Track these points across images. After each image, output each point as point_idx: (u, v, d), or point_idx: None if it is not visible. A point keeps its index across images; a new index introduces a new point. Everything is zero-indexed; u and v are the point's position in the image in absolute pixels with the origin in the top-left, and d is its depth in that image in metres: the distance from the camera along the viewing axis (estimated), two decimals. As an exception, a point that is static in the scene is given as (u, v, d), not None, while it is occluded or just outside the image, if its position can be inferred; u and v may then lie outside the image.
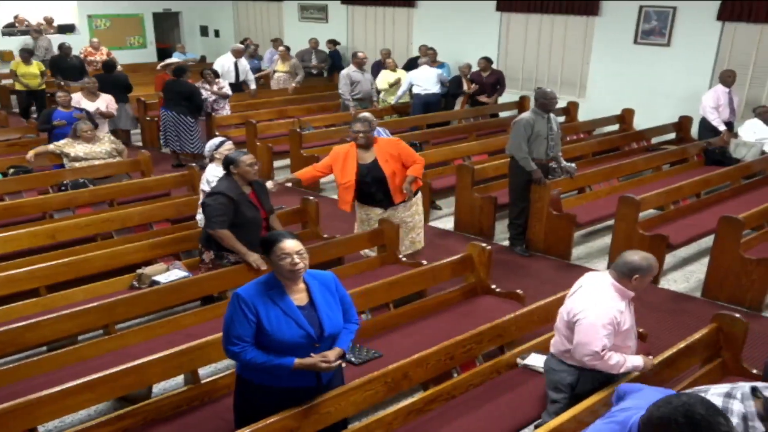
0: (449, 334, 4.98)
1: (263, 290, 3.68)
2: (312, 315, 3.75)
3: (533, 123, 7.62)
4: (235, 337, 3.61)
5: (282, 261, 3.66)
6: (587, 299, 4.12)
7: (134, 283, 6.06)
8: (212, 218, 5.61)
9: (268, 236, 3.82)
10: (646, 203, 7.60)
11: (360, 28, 16.81)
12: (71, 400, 4.03)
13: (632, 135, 11.48)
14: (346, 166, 6.68)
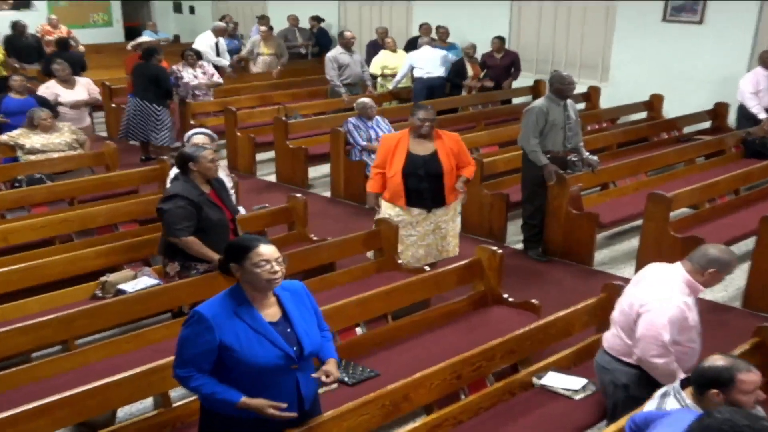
0: (456, 350, 4.96)
1: (228, 306, 3.54)
2: (288, 332, 3.63)
3: (547, 111, 7.59)
4: (185, 360, 3.50)
5: (259, 269, 3.50)
6: (654, 290, 4.20)
7: (97, 293, 6.01)
8: (174, 225, 5.48)
9: (238, 242, 3.71)
10: (677, 201, 7.57)
11: (353, 5, 16.78)
12: (24, 426, 3.95)
13: (662, 124, 11.48)
14: (395, 155, 6.77)
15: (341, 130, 9.65)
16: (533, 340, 5.16)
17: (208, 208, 5.57)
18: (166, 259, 5.87)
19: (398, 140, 6.81)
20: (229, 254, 3.61)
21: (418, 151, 6.73)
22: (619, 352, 4.39)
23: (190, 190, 5.53)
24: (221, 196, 5.81)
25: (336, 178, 10.06)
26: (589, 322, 5.53)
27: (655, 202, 7.35)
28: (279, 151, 10.63)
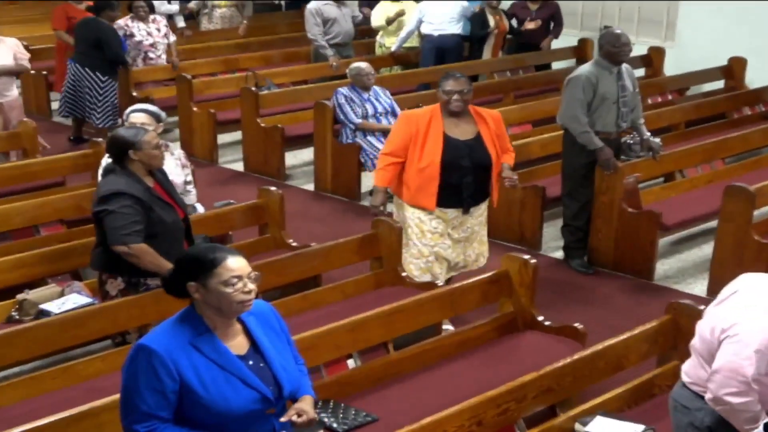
0: (476, 388, 4.99)
1: (183, 337, 3.46)
2: (261, 366, 3.60)
3: (596, 81, 7.63)
4: (141, 413, 3.39)
5: (230, 288, 3.41)
6: (745, 311, 4.13)
7: (13, 314, 6.03)
8: (121, 231, 5.41)
9: (197, 253, 3.57)
10: (763, 196, 7.61)
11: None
12: None
13: (743, 96, 11.58)
14: (427, 140, 6.55)
15: (328, 104, 9.69)
16: (576, 375, 5.18)
17: (159, 208, 5.56)
18: (106, 275, 5.81)
19: (429, 119, 6.57)
20: (186, 270, 3.49)
21: (456, 134, 6.57)
22: (701, 386, 4.43)
23: (134, 185, 5.49)
24: (168, 191, 5.80)
25: (321, 166, 10.10)
26: (649, 352, 5.56)
27: (734, 197, 7.38)
28: (247, 131, 10.65)
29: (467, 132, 6.60)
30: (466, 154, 6.53)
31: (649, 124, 8.48)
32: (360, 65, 9.69)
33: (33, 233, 7.32)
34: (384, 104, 9.70)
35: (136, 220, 5.42)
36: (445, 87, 6.53)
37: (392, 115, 9.67)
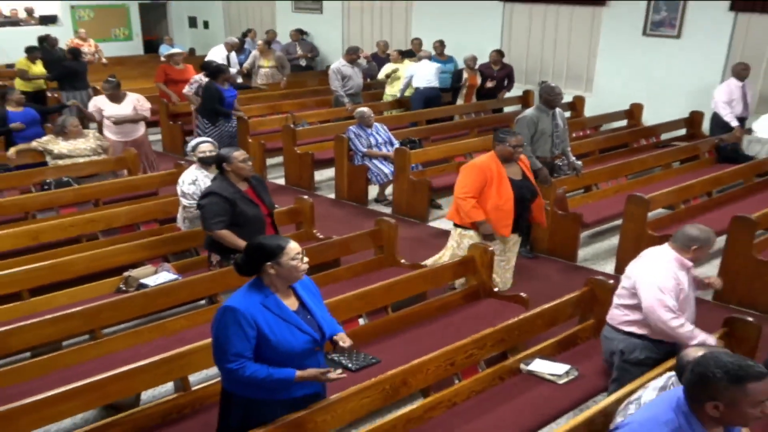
0: (450, 339, 4.99)
1: (255, 299, 3.61)
2: (309, 318, 3.78)
3: (537, 120, 7.65)
4: (233, 354, 3.53)
5: (296, 261, 3.66)
6: (648, 266, 4.48)
7: (121, 287, 6.07)
8: (209, 220, 5.61)
9: (268, 242, 3.70)
10: (655, 202, 7.62)
11: (356, 21, 16.82)
12: (55, 409, 4.03)
13: (641, 131, 11.51)
14: (502, 183, 6.25)
15: (344, 136, 9.69)
16: (521, 330, 5.21)
17: (244, 204, 5.67)
18: (209, 251, 6.00)
19: (497, 168, 6.25)
20: (262, 254, 3.64)
21: (513, 176, 6.34)
22: (617, 321, 4.64)
23: (224, 188, 5.64)
24: (259, 194, 5.89)
25: (340, 181, 10.08)
26: (573, 313, 5.59)
27: (634, 203, 7.41)
28: (287, 156, 10.65)
29: (517, 173, 6.39)
30: (521, 190, 6.33)
31: (574, 151, 8.49)
32: (363, 110, 9.67)
33: (135, 229, 7.33)
34: (383, 136, 9.69)
35: (220, 212, 5.58)
36: (512, 142, 6.24)
37: (390, 144, 9.66)
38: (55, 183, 8.00)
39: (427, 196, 9.16)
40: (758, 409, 2.68)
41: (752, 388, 2.65)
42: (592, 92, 13.28)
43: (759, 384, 2.65)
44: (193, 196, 6.36)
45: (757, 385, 2.65)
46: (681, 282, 4.45)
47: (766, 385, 2.66)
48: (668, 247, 4.53)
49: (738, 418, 2.73)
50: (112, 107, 9.33)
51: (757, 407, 2.68)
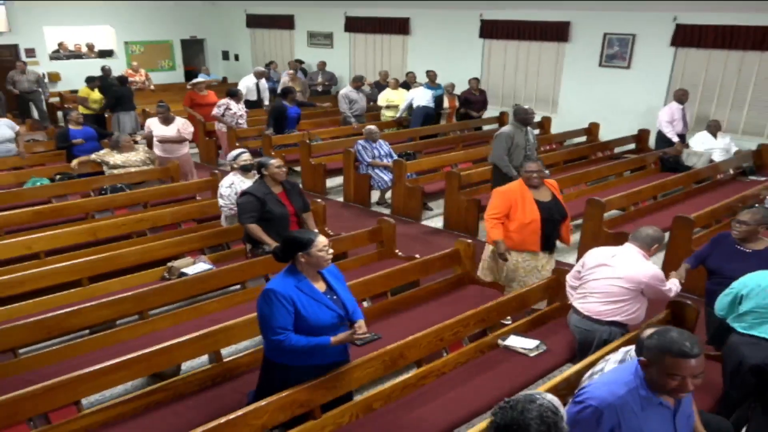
0: (439, 319, 4.97)
1: (291, 283, 3.69)
2: (335, 298, 3.85)
3: (513, 135, 7.61)
4: (279, 327, 3.59)
5: (323, 252, 3.74)
6: (640, 266, 4.34)
7: (165, 275, 6.04)
8: (242, 214, 5.72)
9: (301, 236, 3.76)
10: (610, 205, 7.59)
11: (361, 53, 16.79)
12: (110, 377, 4.04)
13: (598, 145, 11.48)
14: (525, 204, 5.66)
15: (351, 150, 9.66)
16: (498, 311, 5.19)
17: (273, 204, 5.73)
18: (244, 242, 6.10)
19: (521, 191, 5.70)
20: (296, 246, 3.72)
21: (541, 198, 5.75)
22: (600, 315, 4.45)
23: (259, 189, 5.74)
24: (290, 197, 5.91)
25: (347, 187, 10.03)
26: (542, 296, 5.58)
27: (592, 205, 7.38)
28: (304, 166, 10.60)
29: (547, 196, 5.78)
30: (550, 211, 5.73)
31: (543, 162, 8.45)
32: (371, 128, 9.65)
33: (176, 227, 7.29)
34: (385, 150, 9.65)
35: (252, 209, 5.67)
36: (527, 168, 5.73)
37: (390, 156, 9.62)
38: (110, 189, 7.98)
39: (420, 199, 9.13)
40: (675, 382, 2.65)
41: (669, 361, 2.63)
42: (557, 113, 13.23)
43: (676, 359, 2.62)
44: (229, 197, 6.42)
45: (675, 360, 2.62)
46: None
47: (682, 363, 2.61)
48: (632, 246, 4.40)
49: (659, 382, 2.70)
50: (161, 128, 9.26)
51: (672, 379, 2.65)
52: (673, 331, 2.71)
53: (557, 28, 12.67)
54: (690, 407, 2.99)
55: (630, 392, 2.76)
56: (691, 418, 3.01)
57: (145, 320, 5.18)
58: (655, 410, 2.77)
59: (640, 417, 2.73)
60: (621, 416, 2.71)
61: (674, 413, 2.84)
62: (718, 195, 8.74)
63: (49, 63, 17.04)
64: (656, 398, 2.77)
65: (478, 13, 13.74)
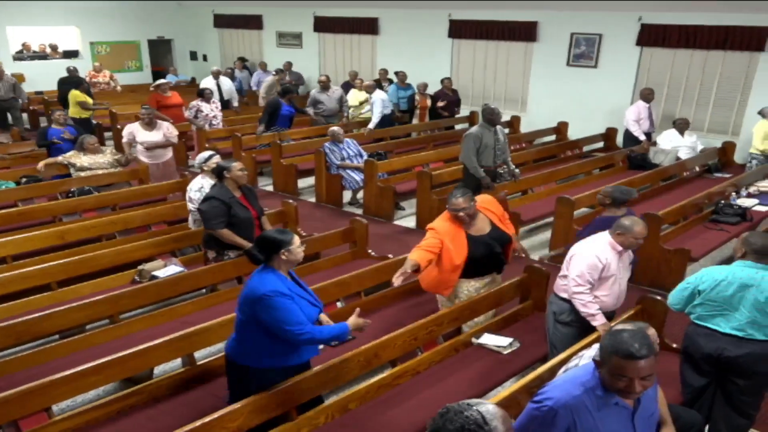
0: (413, 318, 4.99)
1: (280, 281, 3.68)
2: (307, 293, 3.88)
3: (481, 136, 7.66)
4: (298, 324, 3.59)
5: (299, 249, 3.79)
6: (582, 244, 4.47)
7: (136, 278, 5.98)
8: (212, 220, 5.59)
9: (279, 235, 3.76)
10: (579, 203, 7.67)
11: (330, 53, 16.76)
12: (81, 382, 3.99)
13: (567, 144, 11.60)
14: (458, 245, 4.90)
15: (322, 151, 9.64)
16: (472, 309, 5.18)
17: (237, 208, 5.66)
18: (206, 248, 5.94)
19: (455, 229, 4.94)
20: (277, 245, 3.71)
21: (479, 232, 5.02)
22: (556, 288, 4.64)
23: (222, 193, 5.63)
24: (249, 200, 5.86)
25: (319, 187, 10.01)
26: (514, 295, 5.58)
27: (562, 203, 7.45)
28: (275, 167, 10.55)
29: (486, 226, 5.06)
30: (494, 241, 5.02)
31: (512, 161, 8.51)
32: (334, 129, 9.62)
33: (147, 229, 7.22)
34: (354, 150, 9.65)
35: (220, 214, 5.56)
36: (452, 205, 4.92)
37: (360, 156, 9.62)
38: (78, 191, 7.85)
39: (392, 199, 9.15)
40: (622, 383, 2.67)
41: (617, 362, 2.65)
42: (526, 112, 13.35)
43: (623, 361, 2.63)
44: (198, 201, 6.28)
45: (622, 361, 2.63)
46: (608, 262, 4.35)
47: (629, 364, 2.63)
48: (607, 233, 4.46)
49: (609, 382, 2.72)
50: (145, 134, 9.00)
51: (620, 380, 2.67)
52: (626, 332, 2.72)
53: (525, 28, 12.78)
54: (652, 406, 3.00)
55: (586, 392, 2.77)
56: (653, 417, 3.02)
57: (117, 324, 5.12)
58: (612, 410, 2.77)
59: (596, 417, 2.74)
60: (576, 416, 2.72)
61: (633, 413, 2.84)
62: (684, 192, 8.88)
63: (12, 64, 16.71)
64: (612, 398, 2.77)
65: (447, 13, 13.81)
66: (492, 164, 7.82)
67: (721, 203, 7.97)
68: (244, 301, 3.72)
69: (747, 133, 10.31)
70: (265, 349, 3.72)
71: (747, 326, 3.90)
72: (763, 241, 3.99)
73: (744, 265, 3.98)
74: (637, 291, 6.48)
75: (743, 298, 3.90)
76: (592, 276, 4.34)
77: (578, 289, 4.36)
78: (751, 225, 7.62)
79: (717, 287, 3.98)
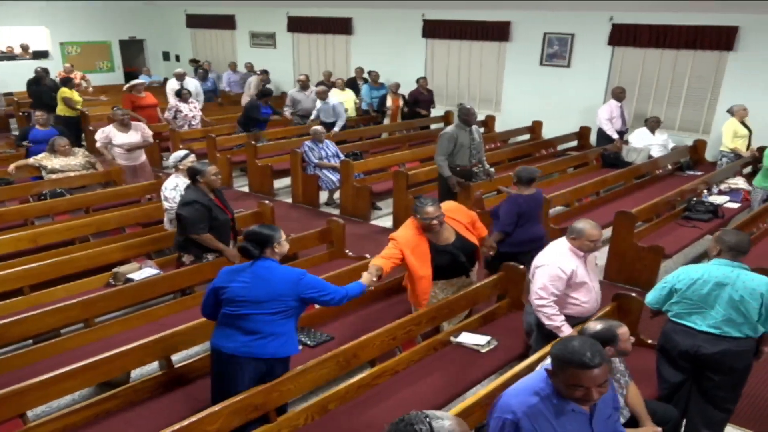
0: (392, 318, 5.00)
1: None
2: None
3: (456, 136, 7.69)
4: (334, 290, 4.05)
5: (286, 242, 4.04)
6: (546, 254, 4.46)
7: (110, 281, 5.91)
8: (195, 225, 5.52)
9: (270, 230, 3.97)
10: (555, 201, 7.73)
11: (304, 54, 16.71)
12: (57, 387, 3.93)
13: (541, 143, 11.68)
14: (420, 256, 4.84)
15: (298, 151, 9.60)
16: (450, 308, 5.19)
17: (216, 211, 5.63)
18: (182, 253, 5.85)
19: (416, 241, 4.85)
20: (270, 238, 3.94)
21: (445, 240, 4.97)
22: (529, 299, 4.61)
23: (201, 197, 5.56)
24: (223, 202, 5.83)
25: (295, 188, 9.98)
26: (491, 294, 5.61)
27: (538, 202, 7.49)
28: (251, 167, 10.50)
29: (451, 236, 5.01)
30: (459, 252, 4.98)
31: (487, 160, 8.55)
32: (317, 128, 9.61)
33: (121, 231, 7.14)
34: (331, 150, 9.64)
35: (203, 218, 5.53)
36: (424, 213, 4.80)
37: (337, 156, 9.60)
38: (50, 194, 7.75)
39: (368, 199, 9.15)
40: (579, 392, 2.68)
41: (572, 372, 2.66)
42: (501, 112, 13.43)
43: (578, 371, 2.64)
44: (174, 200, 6.27)
45: (576, 372, 2.64)
46: (573, 270, 4.33)
47: (584, 374, 2.64)
48: (564, 239, 4.47)
49: (564, 391, 2.73)
50: (122, 136, 8.83)
51: (576, 389, 2.68)
52: (575, 340, 2.73)
53: (498, 28, 12.85)
54: (610, 407, 3.00)
55: (542, 400, 2.77)
56: (611, 419, 3.02)
57: (92, 328, 5.05)
58: (570, 417, 2.78)
59: (555, 424, 2.75)
60: (537, 426, 2.73)
61: (591, 417, 2.85)
62: (657, 189, 8.99)
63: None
64: (569, 405, 2.78)
65: (420, 13, 13.84)
66: (468, 163, 7.84)
67: (693, 200, 8.09)
68: (280, 292, 3.84)
69: (717, 131, 10.46)
70: (293, 334, 3.98)
71: (723, 324, 3.96)
72: (736, 238, 4.05)
73: (719, 263, 4.04)
74: (612, 288, 6.58)
75: (719, 296, 3.96)
76: (556, 288, 4.31)
77: (541, 302, 4.34)
78: (723, 222, 7.75)
79: (693, 285, 4.03)
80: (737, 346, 3.97)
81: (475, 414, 3.73)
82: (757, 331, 3.97)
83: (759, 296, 3.88)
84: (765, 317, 3.92)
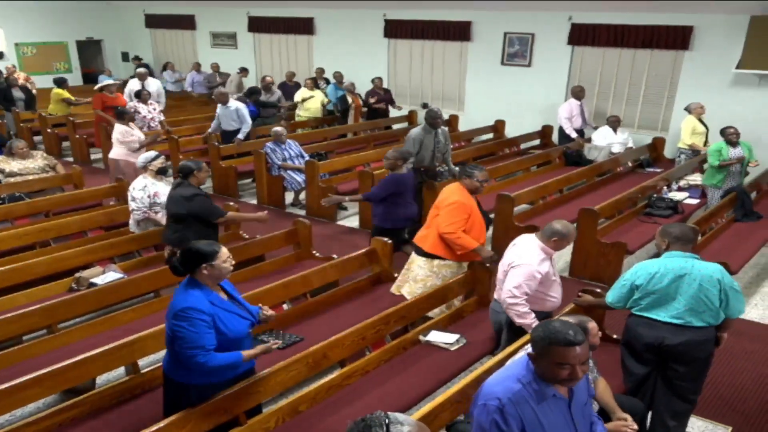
0: (360, 318, 4.98)
1: (203, 297, 3.47)
2: (240, 306, 3.71)
3: (422, 139, 7.78)
4: (201, 348, 3.37)
5: (227, 264, 3.58)
6: (519, 253, 4.46)
7: (73, 286, 5.80)
8: (213, 211, 5.79)
9: (204, 248, 3.54)
10: (519, 199, 7.79)
11: (266, 54, 16.60)
12: (20, 395, 3.83)
13: (504, 142, 11.76)
14: (475, 214, 5.52)
15: (262, 152, 9.54)
16: (419, 307, 5.23)
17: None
18: (176, 249, 5.72)
19: (470, 200, 5.50)
20: (200, 258, 3.50)
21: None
22: (499, 298, 4.60)
23: (198, 190, 5.77)
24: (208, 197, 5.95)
25: (260, 189, 9.89)
26: (459, 292, 5.64)
27: (502, 201, 7.55)
28: (214, 169, 10.32)
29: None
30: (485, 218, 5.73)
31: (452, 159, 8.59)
32: (277, 129, 9.53)
33: (83, 235, 7.01)
34: (295, 150, 9.58)
35: (213, 203, 5.85)
36: (479, 177, 5.47)
37: (301, 157, 9.56)
38: (8, 198, 7.56)
39: (333, 199, 9.11)
40: (565, 371, 2.71)
41: (557, 351, 2.69)
42: (464, 111, 13.50)
43: (563, 349, 2.68)
44: (142, 200, 6.29)
45: (562, 350, 2.68)
46: (547, 270, 4.42)
47: (569, 351, 2.67)
48: (535, 238, 4.51)
49: (550, 373, 2.75)
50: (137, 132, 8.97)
51: (562, 368, 2.71)
52: (556, 322, 2.78)
53: (459, 28, 12.92)
54: (585, 395, 3.04)
55: (525, 387, 2.79)
56: (588, 405, 3.06)
57: (55, 334, 4.94)
58: (551, 402, 2.81)
59: (538, 411, 2.77)
60: (521, 411, 2.75)
61: (569, 404, 2.89)
62: (618, 186, 9.11)
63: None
64: (549, 390, 2.81)
65: (382, 13, 13.85)
66: (433, 164, 7.89)
67: (653, 197, 8.23)
68: (167, 315, 3.53)
69: (675, 128, 10.67)
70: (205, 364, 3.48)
71: (685, 314, 4.03)
72: (679, 228, 4.21)
73: (672, 255, 4.13)
74: (577, 284, 6.64)
75: (679, 287, 4.04)
76: (530, 287, 4.37)
77: (513, 300, 4.37)
78: (683, 217, 7.89)
79: (652, 280, 4.10)
80: (699, 335, 4.05)
81: (446, 411, 3.74)
82: (719, 317, 4.06)
83: (716, 282, 3.99)
84: (725, 302, 4.02)
